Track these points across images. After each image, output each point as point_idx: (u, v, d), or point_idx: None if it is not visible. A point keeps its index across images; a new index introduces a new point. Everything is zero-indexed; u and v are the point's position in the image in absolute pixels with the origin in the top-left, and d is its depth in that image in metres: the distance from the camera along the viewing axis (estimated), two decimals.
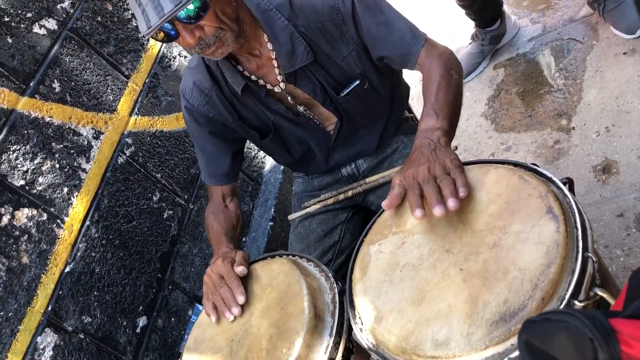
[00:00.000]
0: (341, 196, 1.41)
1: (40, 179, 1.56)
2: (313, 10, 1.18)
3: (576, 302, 0.71)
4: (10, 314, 1.38)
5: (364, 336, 0.90)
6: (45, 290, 1.47)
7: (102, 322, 1.58)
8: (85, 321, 1.54)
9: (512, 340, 0.72)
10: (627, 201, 1.58)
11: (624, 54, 1.88)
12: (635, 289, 0.59)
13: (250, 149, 2.47)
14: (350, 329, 0.96)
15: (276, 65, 1.22)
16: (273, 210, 2.24)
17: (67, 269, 1.55)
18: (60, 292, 1.50)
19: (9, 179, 1.48)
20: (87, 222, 1.65)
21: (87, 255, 1.61)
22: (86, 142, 1.74)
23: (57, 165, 1.62)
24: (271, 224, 2.20)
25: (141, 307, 1.71)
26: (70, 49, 1.79)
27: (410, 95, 1.52)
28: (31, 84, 1.63)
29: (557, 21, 2.20)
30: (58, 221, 1.57)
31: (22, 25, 1.66)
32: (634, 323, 0.53)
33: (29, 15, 1.69)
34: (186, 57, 2.28)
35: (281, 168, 2.39)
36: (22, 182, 1.51)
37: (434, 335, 0.78)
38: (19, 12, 1.67)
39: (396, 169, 1.33)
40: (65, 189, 1.62)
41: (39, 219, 1.52)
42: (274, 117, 1.31)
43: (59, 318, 1.47)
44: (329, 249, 1.43)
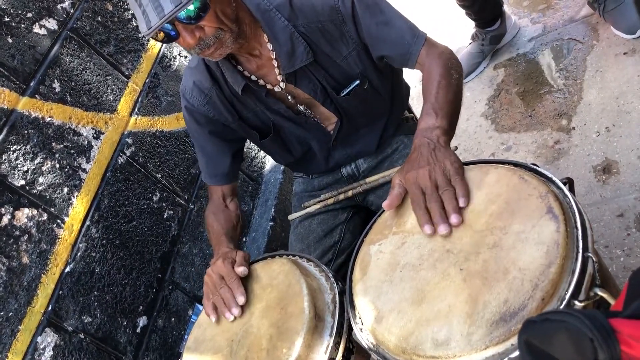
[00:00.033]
0: (341, 196, 1.41)
1: (41, 179, 1.57)
2: (313, 11, 1.18)
3: (576, 302, 0.71)
4: (10, 313, 1.38)
5: (364, 336, 0.90)
6: (45, 290, 1.47)
7: (102, 322, 1.58)
8: (86, 321, 1.54)
9: (512, 340, 0.72)
10: (627, 201, 1.58)
11: (624, 54, 1.88)
12: (635, 289, 0.59)
13: (250, 149, 2.47)
14: (350, 329, 0.96)
15: (276, 65, 1.22)
16: (273, 210, 2.24)
17: (67, 269, 1.55)
18: (60, 292, 1.50)
19: (9, 179, 1.48)
20: (87, 222, 1.65)
21: (88, 255, 1.61)
22: (86, 142, 1.74)
23: (58, 165, 1.62)
24: (271, 224, 2.20)
25: (141, 307, 1.71)
26: (70, 49, 1.79)
27: (410, 95, 1.52)
28: (31, 84, 1.63)
29: (557, 21, 2.20)
30: (58, 221, 1.57)
31: (23, 25, 1.67)
32: (634, 323, 0.53)
33: (29, 15, 1.69)
34: (186, 57, 2.28)
35: (281, 168, 2.39)
36: (23, 182, 1.52)
37: (434, 335, 0.78)
38: (19, 12, 1.67)
39: (396, 169, 1.33)
40: (66, 189, 1.63)
41: (39, 219, 1.52)
42: (274, 117, 1.31)
43: (59, 318, 1.47)
44: (329, 249, 1.43)
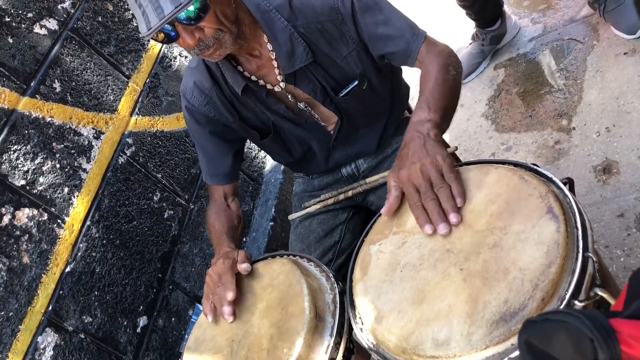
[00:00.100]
0: (341, 196, 1.41)
1: (41, 179, 1.57)
2: (312, 11, 1.18)
3: (576, 302, 0.71)
4: (10, 313, 1.38)
5: (364, 336, 0.90)
6: (45, 290, 1.47)
7: (102, 322, 1.58)
8: (86, 321, 1.54)
9: (512, 340, 0.72)
10: (628, 201, 1.58)
11: (625, 54, 1.88)
12: (636, 289, 0.59)
13: (250, 149, 2.47)
14: (350, 329, 0.96)
15: (276, 65, 1.22)
16: (273, 210, 2.24)
17: (68, 269, 1.55)
18: (60, 292, 1.50)
19: (10, 179, 1.49)
20: (88, 222, 1.65)
21: (88, 255, 1.61)
22: (87, 142, 1.74)
23: (58, 165, 1.62)
24: (272, 224, 2.20)
25: (142, 307, 1.71)
26: (70, 49, 1.79)
27: (410, 95, 1.52)
28: (32, 84, 1.63)
29: (557, 21, 2.20)
30: (59, 221, 1.57)
31: (23, 26, 1.67)
32: (634, 323, 0.53)
33: (29, 15, 1.70)
34: (187, 57, 2.28)
35: (282, 168, 2.39)
36: (23, 182, 1.52)
37: (435, 335, 0.78)
38: (20, 12, 1.67)
39: None
40: (66, 189, 1.63)
41: (40, 219, 1.52)
42: (274, 117, 1.31)
43: (59, 318, 1.47)
44: (329, 249, 1.43)
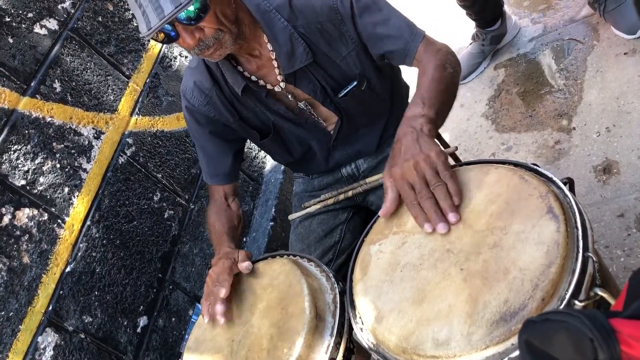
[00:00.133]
0: (341, 196, 1.41)
1: (41, 179, 1.57)
2: (312, 11, 1.18)
3: (576, 302, 0.71)
4: (11, 313, 1.38)
5: (364, 336, 0.90)
6: (46, 290, 1.47)
7: (102, 322, 1.58)
8: (86, 321, 1.54)
9: (512, 340, 0.72)
10: (628, 201, 1.58)
11: (625, 54, 1.88)
12: (636, 289, 0.59)
13: (250, 149, 2.47)
14: (350, 328, 0.96)
15: (276, 65, 1.22)
16: (274, 210, 2.24)
17: (68, 269, 1.55)
18: (61, 291, 1.50)
19: (10, 179, 1.49)
20: (88, 222, 1.65)
21: (88, 255, 1.61)
22: (87, 142, 1.74)
23: (58, 165, 1.62)
24: (272, 224, 2.20)
25: (142, 307, 1.71)
26: (71, 49, 1.79)
27: (410, 95, 1.52)
28: (32, 84, 1.63)
29: (557, 21, 2.20)
30: (59, 221, 1.57)
31: (23, 25, 1.67)
32: (634, 323, 0.53)
33: (30, 15, 1.70)
34: (187, 57, 2.28)
35: (282, 168, 2.39)
36: (23, 182, 1.52)
37: (435, 335, 0.78)
38: (20, 12, 1.67)
39: None
40: (66, 189, 1.63)
41: (40, 219, 1.52)
42: (274, 117, 1.31)
43: (59, 318, 1.47)
44: (329, 249, 1.43)
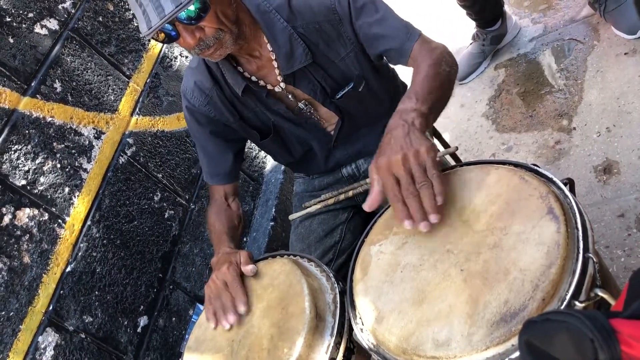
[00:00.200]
0: (342, 196, 1.41)
1: (42, 179, 1.57)
2: (310, 11, 1.18)
3: (577, 303, 0.71)
4: (11, 313, 1.38)
5: (364, 336, 0.90)
6: (46, 289, 1.47)
7: (103, 322, 1.58)
8: (87, 321, 1.54)
9: (512, 341, 0.72)
10: (628, 201, 1.58)
11: (625, 54, 1.88)
12: (636, 290, 0.59)
13: (251, 149, 2.47)
14: (351, 329, 0.96)
15: (276, 66, 1.22)
16: (274, 210, 2.24)
17: (68, 269, 1.55)
18: (61, 291, 1.50)
19: (11, 178, 1.49)
20: (89, 222, 1.65)
21: (88, 255, 1.61)
22: (87, 142, 1.74)
23: (59, 165, 1.62)
24: (272, 223, 2.20)
25: (142, 307, 1.71)
26: (71, 49, 1.79)
27: None
28: (32, 84, 1.63)
29: (558, 21, 2.20)
30: (59, 221, 1.57)
31: (24, 25, 1.67)
32: (634, 323, 0.53)
33: (30, 15, 1.70)
34: (187, 57, 2.29)
35: (282, 168, 2.39)
36: (24, 182, 1.52)
37: (435, 336, 0.78)
38: (21, 12, 1.67)
39: None
40: (67, 189, 1.63)
41: (40, 219, 1.53)
42: (274, 117, 1.31)
43: (60, 318, 1.47)
44: (329, 249, 1.43)
